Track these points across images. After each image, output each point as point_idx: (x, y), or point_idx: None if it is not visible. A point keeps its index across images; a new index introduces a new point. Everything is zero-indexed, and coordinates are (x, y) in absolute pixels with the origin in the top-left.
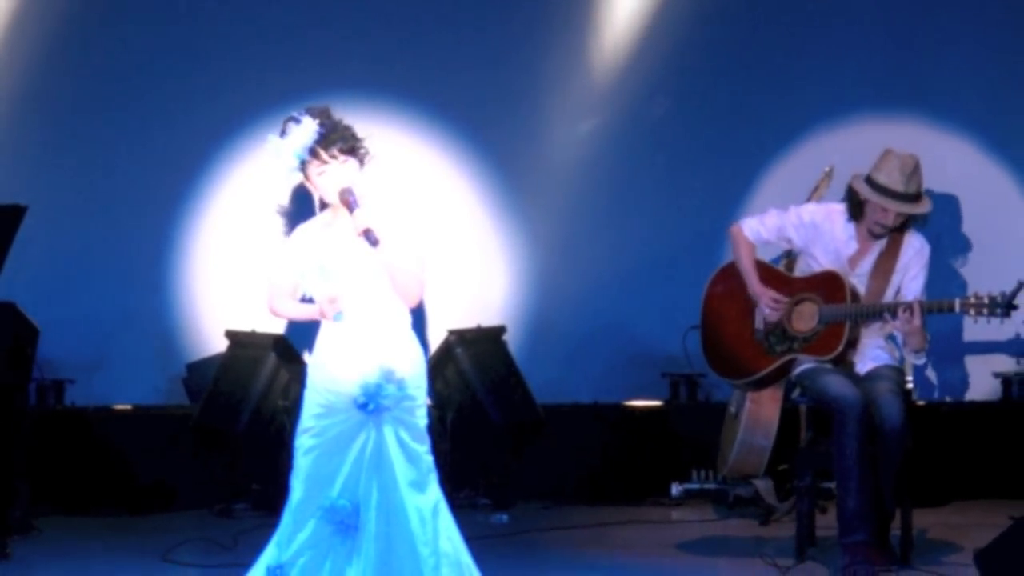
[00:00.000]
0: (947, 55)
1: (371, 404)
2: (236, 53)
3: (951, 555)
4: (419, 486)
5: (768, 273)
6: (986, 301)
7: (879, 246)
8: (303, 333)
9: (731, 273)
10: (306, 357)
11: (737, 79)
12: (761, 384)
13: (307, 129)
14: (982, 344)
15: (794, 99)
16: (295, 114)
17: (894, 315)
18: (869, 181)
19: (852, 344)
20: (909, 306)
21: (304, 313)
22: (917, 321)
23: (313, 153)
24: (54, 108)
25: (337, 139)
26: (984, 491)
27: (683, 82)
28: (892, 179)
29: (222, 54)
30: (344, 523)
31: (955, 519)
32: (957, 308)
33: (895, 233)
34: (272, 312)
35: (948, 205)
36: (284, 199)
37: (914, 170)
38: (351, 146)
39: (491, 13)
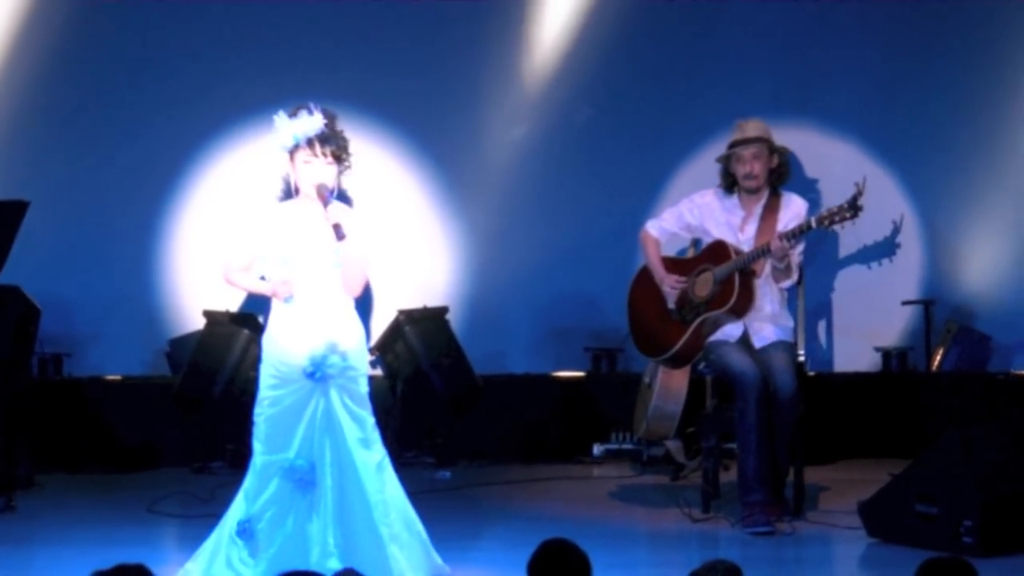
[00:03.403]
0: (833, 70)
1: (318, 372)
2: (211, 64)
3: (838, 506)
4: (365, 443)
5: (673, 264)
6: (835, 210)
7: (759, 209)
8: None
9: (646, 274)
10: None
11: (650, 90)
12: (683, 356)
13: (314, 121)
14: (866, 321)
15: (700, 106)
16: (310, 105)
17: (769, 252)
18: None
19: (747, 295)
20: (778, 236)
21: (256, 288)
22: (785, 244)
23: (309, 143)
24: (54, 111)
25: (332, 142)
26: (867, 451)
27: (604, 92)
28: (734, 135)
29: (200, 64)
30: (303, 480)
31: (841, 475)
32: (814, 224)
33: (772, 197)
34: (226, 281)
35: (834, 200)
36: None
37: (748, 122)
38: (339, 154)
39: (432, 29)
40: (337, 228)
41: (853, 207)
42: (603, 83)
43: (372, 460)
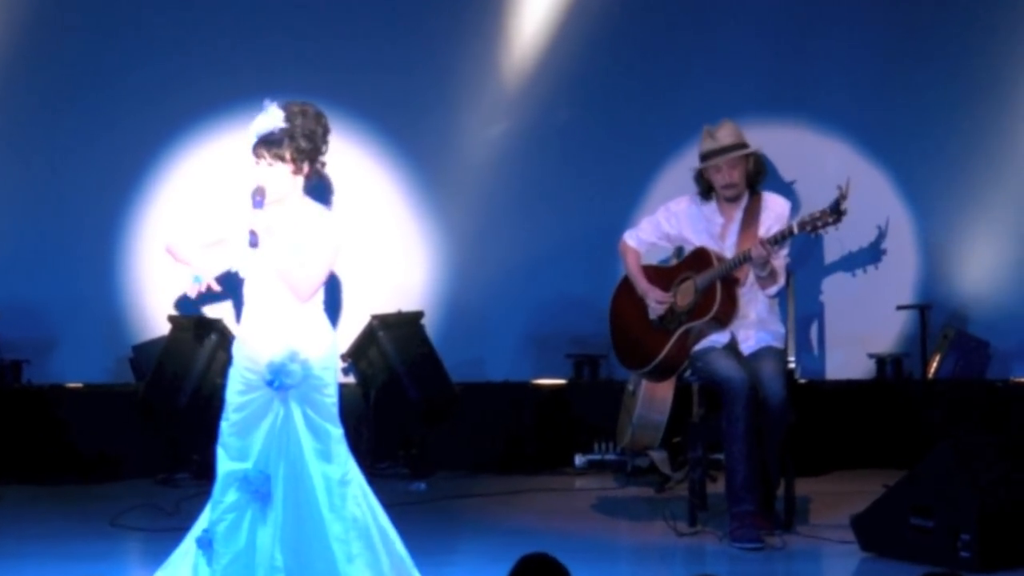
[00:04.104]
0: (826, 66)
1: (276, 381)
2: (177, 60)
3: (830, 520)
4: (324, 456)
5: (655, 272)
6: (818, 215)
7: (740, 213)
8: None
9: (628, 284)
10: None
11: (634, 86)
12: (667, 366)
13: (263, 120)
14: (859, 327)
15: (686, 103)
16: (269, 102)
17: (750, 259)
18: (699, 160)
19: (730, 303)
20: (759, 242)
21: (188, 258)
22: (767, 250)
23: (253, 147)
24: (13, 107)
25: (274, 143)
26: (860, 462)
27: (585, 89)
28: (707, 144)
29: (165, 61)
30: (259, 491)
31: (833, 487)
32: (796, 230)
33: (752, 199)
34: (167, 246)
35: (827, 200)
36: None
37: (720, 127)
38: (283, 155)
39: (408, 24)
40: (251, 235)
41: (836, 212)
42: (585, 79)
43: (332, 474)
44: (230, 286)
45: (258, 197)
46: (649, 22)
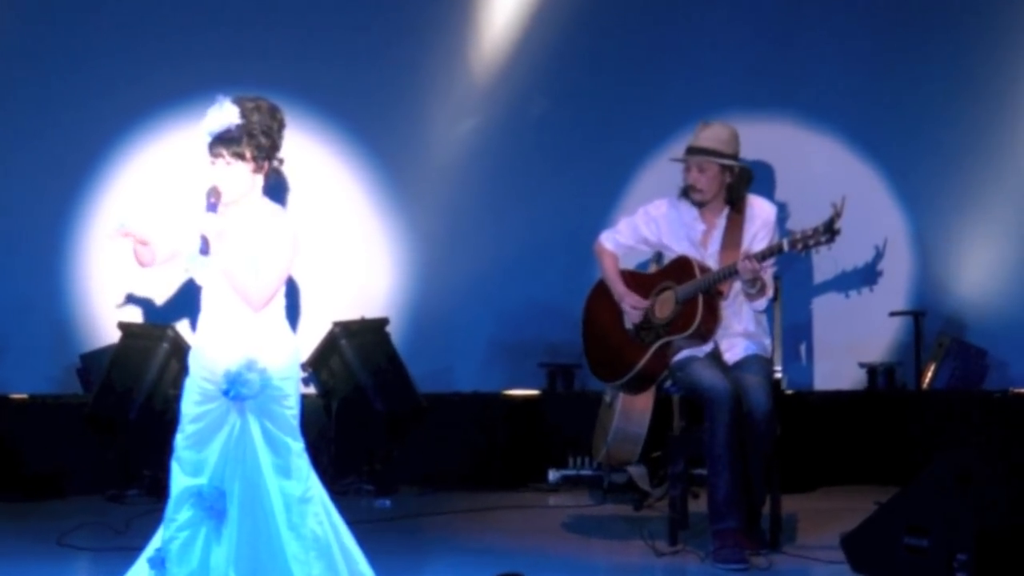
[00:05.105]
0: (815, 59)
1: (232, 391)
2: (128, 51)
3: (818, 539)
4: (284, 471)
5: (633, 279)
6: (810, 233)
7: (723, 220)
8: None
9: (603, 288)
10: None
11: (613, 79)
12: (644, 379)
13: (216, 117)
14: (850, 334)
15: (668, 99)
16: (222, 98)
17: (737, 274)
18: None
19: (712, 317)
20: (747, 257)
21: (136, 257)
22: (754, 265)
23: (210, 145)
24: None
25: (232, 142)
26: (850, 477)
27: (561, 82)
28: (691, 139)
29: (114, 52)
30: (213, 508)
31: (822, 504)
32: (786, 247)
33: (738, 205)
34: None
35: (816, 201)
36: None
37: (709, 126)
38: (241, 152)
39: (374, 14)
40: (203, 240)
41: (829, 231)
42: (560, 72)
43: (292, 490)
44: (188, 293)
45: (212, 200)
46: (628, 12)
